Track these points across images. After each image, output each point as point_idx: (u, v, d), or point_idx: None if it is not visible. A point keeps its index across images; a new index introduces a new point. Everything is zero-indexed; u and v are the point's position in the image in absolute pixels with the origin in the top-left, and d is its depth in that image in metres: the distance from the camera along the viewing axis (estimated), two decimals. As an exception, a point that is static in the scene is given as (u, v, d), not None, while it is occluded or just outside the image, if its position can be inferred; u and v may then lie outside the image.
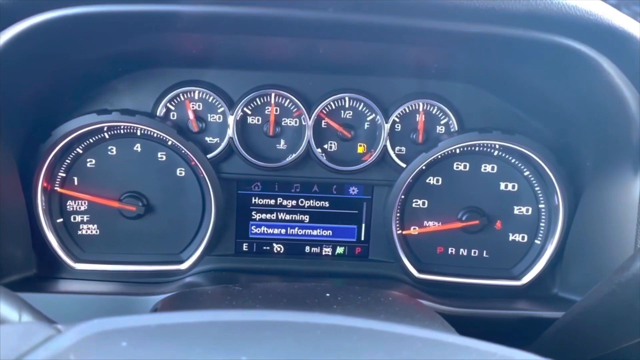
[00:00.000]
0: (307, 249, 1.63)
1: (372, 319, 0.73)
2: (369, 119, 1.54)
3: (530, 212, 1.59)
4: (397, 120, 1.54)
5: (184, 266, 1.56)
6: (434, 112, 1.54)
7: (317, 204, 1.61)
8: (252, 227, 1.62)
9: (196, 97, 1.51)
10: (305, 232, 1.63)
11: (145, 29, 1.16)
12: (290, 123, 1.54)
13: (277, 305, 1.10)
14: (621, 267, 1.03)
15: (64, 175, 1.52)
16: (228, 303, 1.12)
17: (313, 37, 1.23)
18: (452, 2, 1.08)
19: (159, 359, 0.60)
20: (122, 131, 1.50)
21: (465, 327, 1.14)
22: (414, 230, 1.60)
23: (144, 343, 0.64)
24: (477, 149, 1.55)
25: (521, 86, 1.46)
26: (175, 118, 1.52)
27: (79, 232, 1.56)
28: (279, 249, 1.63)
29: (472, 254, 1.61)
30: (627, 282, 1.04)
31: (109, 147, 1.52)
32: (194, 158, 1.50)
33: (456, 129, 1.53)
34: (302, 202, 1.61)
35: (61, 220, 1.54)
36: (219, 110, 1.52)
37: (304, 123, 1.53)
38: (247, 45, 1.38)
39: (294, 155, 1.53)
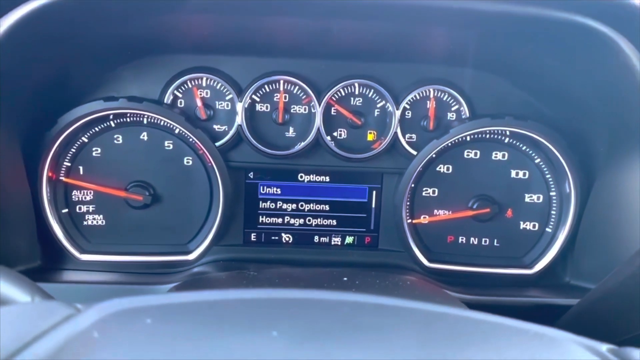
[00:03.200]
0: (316, 238, 1.61)
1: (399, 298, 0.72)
2: (379, 105, 1.52)
3: (541, 200, 1.57)
4: (408, 107, 1.52)
5: (191, 257, 1.54)
6: (444, 98, 1.52)
7: (326, 192, 1.59)
8: (261, 217, 1.60)
9: (204, 84, 1.49)
10: (314, 221, 1.61)
11: (153, 10, 1.14)
12: (299, 110, 1.52)
13: (296, 288, 1.08)
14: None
15: (69, 164, 1.49)
16: (244, 287, 1.10)
17: (324, 17, 1.21)
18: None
19: (184, 336, 0.58)
20: (128, 119, 1.48)
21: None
22: (424, 219, 1.59)
23: (168, 320, 0.62)
24: (487, 136, 1.54)
25: (534, 71, 1.45)
26: (182, 105, 1.50)
27: (85, 223, 1.53)
28: (287, 239, 1.61)
29: (483, 243, 1.60)
30: None
31: (115, 136, 1.50)
32: (201, 146, 1.48)
33: (467, 115, 1.52)
34: (310, 190, 1.59)
35: (66, 210, 1.52)
36: (227, 98, 1.50)
37: (313, 110, 1.51)
38: (255, 30, 1.36)
39: (303, 143, 1.51)
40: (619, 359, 0.68)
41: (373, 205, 1.60)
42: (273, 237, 1.61)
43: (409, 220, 1.58)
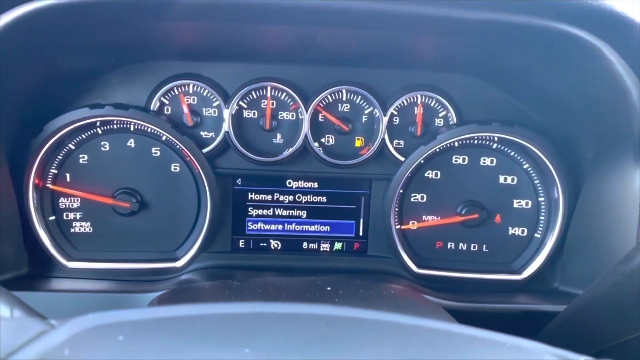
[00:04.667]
0: (305, 245, 1.61)
1: (376, 310, 0.72)
2: (366, 112, 1.52)
3: (529, 206, 1.58)
4: (395, 113, 1.52)
5: (179, 264, 1.53)
6: (432, 104, 1.52)
7: (315, 199, 1.59)
8: (249, 224, 1.59)
9: (191, 91, 1.49)
10: (302, 227, 1.61)
11: (140, 17, 1.13)
12: (286, 117, 1.52)
13: (277, 300, 1.08)
14: (626, 257, 1.01)
15: (55, 171, 1.49)
16: (226, 298, 1.09)
17: (311, 24, 1.21)
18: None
19: (155, 353, 0.57)
20: (115, 126, 1.48)
21: (466, 321, 1.13)
22: (412, 225, 1.59)
23: (140, 337, 0.62)
24: (476, 141, 1.54)
25: (521, 77, 1.45)
26: (169, 112, 1.49)
27: (72, 230, 1.53)
28: (276, 246, 1.61)
29: (472, 249, 1.60)
30: (632, 272, 1.02)
31: (102, 143, 1.49)
32: (188, 153, 1.47)
33: (455, 121, 1.52)
34: (299, 197, 1.59)
35: (53, 217, 1.51)
36: (214, 104, 1.50)
37: (300, 116, 1.51)
38: (242, 37, 1.36)
39: (291, 150, 1.51)
40: None
41: (362, 212, 1.60)
42: (261, 244, 1.61)
43: (398, 226, 1.58)
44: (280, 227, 1.60)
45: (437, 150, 1.52)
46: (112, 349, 0.60)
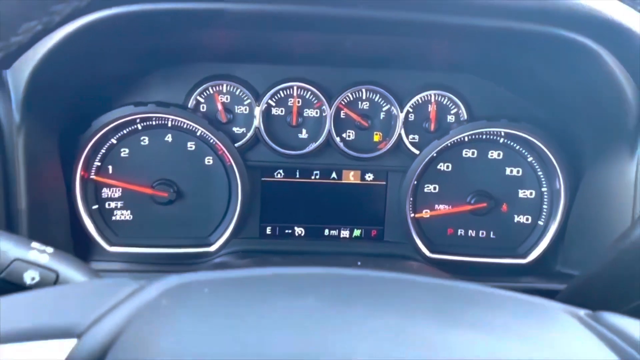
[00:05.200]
0: (327, 231, 1.74)
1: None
2: (384, 109, 1.65)
3: (533, 195, 1.70)
4: (411, 110, 1.65)
5: (212, 248, 1.66)
6: (444, 102, 1.65)
7: (336, 189, 1.72)
8: (275, 212, 1.72)
9: (224, 90, 1.62)
10: (324, 215, 1.73)
11: (189, 24, 1.26)
12: (311, 114, 1.65)
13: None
14: (622, 235, 1.15)
15: (99, 164, 1.61)
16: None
17: (338, 31, 1.34)
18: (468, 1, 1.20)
19: (237, 301, 0.70)
20: (154, 122, 1.61)
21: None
22: (425, 214, 1.72)
23: (221, 290, 0.75)
24: (484, 136, 1.66)
25: (526, 77, 1.57)
26: (205, 110, 1.62)
27: (113, 218, 1.66)
28: (300, 232, 1.74)
29: (480, 235, 1.73)
30: (628, 248, 1.16)
31: (142, 138, 1.62)
32: (222, 147, 1.60)
33: (465, 118, 1.65)
34: (322, 187, 1.71)
35: (97, 206, 1.64)
36: (246, 102, 1.63)
37: (324, 113, 1.64)
38: (273, 41, 1.49)
39: (315, 144, 1.64)
40: (594, 321, 0.76)
41: (379, 201, 1.73)
42: (287, 231, 1.74)
43: (412, 215, 1.70)
44: (304, 215, 1.73)
45: (449, 144, 1.65)
46: (202, 299, 0.72)
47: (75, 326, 0.63)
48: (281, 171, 1.70)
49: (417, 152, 1.65)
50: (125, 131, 1.60)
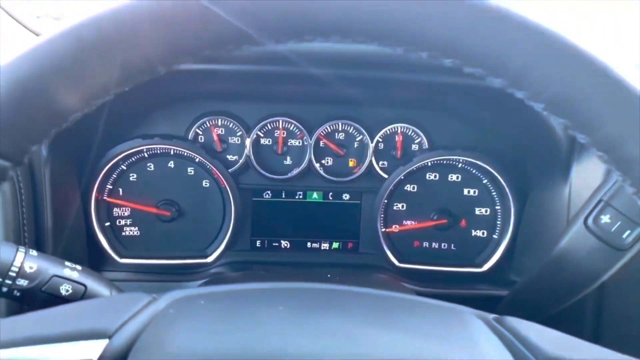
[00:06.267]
0: (309, 244, 1.98)
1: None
2: (357, 139, 1.90)
3: (488, 213, 1.94)
4: (380, 140, 1.89)
5: (209, 260, 1.90)
6: (409, 133, 1.89)
7: (317, 207, 1.95)
8: (264, 227, 1.96)
9: (219, 124, 1.87)
10: (306, 230, 1.97)
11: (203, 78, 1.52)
12: (295, 143, 1.89)
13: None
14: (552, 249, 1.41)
15: (111, 187, 1.85)
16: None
17: (312, 83, 1.61)
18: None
19: (231, 309, 0.93)
20: (159, 151, 1.84)
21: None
22: (395, 228, 1.95)
23: (220, 301, 0.99)
24: (444, 162, 1.89)
25: (474, 115, 1.83)
26: (202, 140, 1.87)
27: (123, 234, 1.89)
28: (285, 245, 1.98)
29: (443, 247, 1.97)
30: (551, 261, 1.42)
31: (148, 164, 1.86)
32: (217, 172, 1.84)
33: (427, 146, 1.89)
34: (304, 206, 1.95)
35: (108, 224, 1.87)
36: (238, 134, 1.87)
37: (305, 143, 1.88)
38: (261, 85, 1.74)
39: (298, 169, 1.88)
40: (498, 324, 0.85)
41: (354, 218, 1.98)
42: (274, 244, 1.98)
43: (383, 229, 1.94)
44: (289, 230, 1.97)
45: (414, 169, 1.88)
46: (200, 308, 0.96)
47: (107, 329, 0.76)
48: (269, 192, 1.95)
49: (386, 176, 1.89)
50: (133, 159, 1.85)
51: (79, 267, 1.25)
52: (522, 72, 0.70)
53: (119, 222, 1.88)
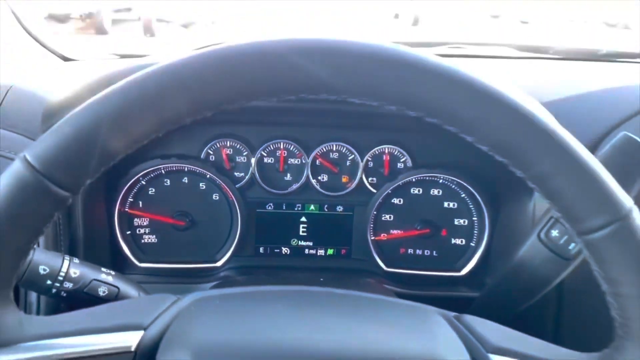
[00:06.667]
0: (307, 250, 2.18)
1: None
2: (349, 158, 2.10)
3: (466, 223, 2.10)
4: (370, 159, 2.08)
5: (218, 264, 2.11)
6: (395, 153, 2.09)
7: (314, 218, 2.14)
8: (267, 236, 2.15)
9: (228, 145, 2.08)
10: (305, 239, 2.15)
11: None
12: (294, 162, 2.09)
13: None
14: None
15: (132, 200, 2.08)
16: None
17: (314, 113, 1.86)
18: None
19: (245, 309, 1.14)
20: (174, 169, 2.06)
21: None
22: (383, 237, 2.12)
23: (232, 301, 1.21)
24: (427, 178, 2.07)
25: (456, 137, 2.06)
26: (213, 159, 2.06)
27: (142, 241, 2.10)
28: (286, 251, 2.19)
29: (426, 253, 2.14)
30: (512, 266, 1.65)
31: (165, 180, 2.07)
32: (226, 187, 2.07)
33: (411, 165, 2.08)
34: (303, 217, 2.13)
35: (129, 232, 2.10)
36: (244, 154, 2.08)
37: (304, 162, 2.07)
38: (265, 112, 1.99)
39: (296, 185, 2.08)
40: (457, 322, 0.96)
41: (347, 227, 2.18)
42: (275, 250, 2.19)
43: (373, 238, 2.11)
44: (289, 238, 2.20)
45: (400, 184, 2.09)
46: (216, 307, 1.18)
47: (142, 323, 0.91)
48: (271, 205, 2.16)
49: (374, 190, 2.10)
50: (152, 175, 2.07)
51: (112, 272, 1.50)
52: (470, 124, 0.96)
53: (139, 230, 2.11)
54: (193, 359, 0.84)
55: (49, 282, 1.36)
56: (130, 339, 0.89)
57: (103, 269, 1.49)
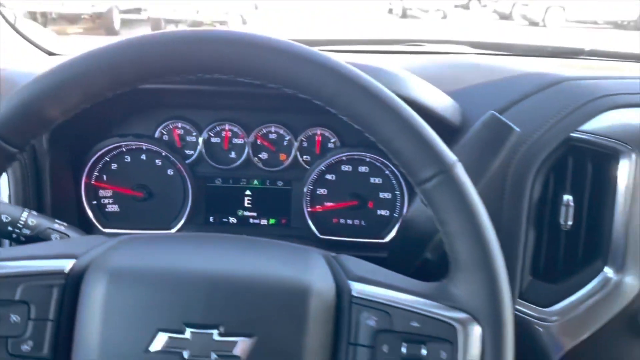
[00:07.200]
0: (251, 220, 2.44)
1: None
2: (286, 138, 2.35)
3: (390, 196, 2.33)
4: (304, 139, 2.33)
5: (173, 231, 2.37)
6: (326, 134, 2.35)
7: (257, 191, 2.41)
8: (215, 206, 2.42)
9: (179, 126, 2.34)
10: (249, 209, 2.42)
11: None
12: (237, 141, 2.35)
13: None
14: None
15: (97, 174, 2.35)
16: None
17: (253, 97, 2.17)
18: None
19: (170, 247, 1.40)
20: (133, 147, 2.33)
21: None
22: (318, 208, 2.35)
23: (156, 241, 1.46)
24: (356, 157, 2.31)
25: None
26: (167, 139, 2.36)
27: (106, 210, 2.36)
28: (233, 221, 2.47)
29: (355, 223, 2.36)
30: (404, 222, 1.94)
31: (125, 157, 2.33)
32: (178, 163, 2.38)
33: (339, 145, 2.38)
34: (246, 190, 2.40)
35: (95, 202, 2.38)
36: (194, 134, 2.34)
37: (245, 141, 2.37)
38: (209, 97, 2.30)
39: (239, 161, 2.36)
40: (334, 260, 1.11)
41: (286, 199, 2.46)
42: (224, 220, 2.45)
43: (309, 209, 2.35)
44: (235, 209, 2.46)
45: (332, 162, 2.34)
46: (141, 244, 1.45)
47: (75, 253, 1.06)
48: (220, 179, 2.42)
49: (308, 167, 2.40)
50: (115, 152, 2.36)
51: (65, 224, 1.80)
52: (330, 99, 1.25)
53: (103, 200, 2.39)
54: (109, 280, 0.99)
55: (9, 228, 1.67)
56: (64, 265, 1.04)
57: (57, 221, 1.79)
